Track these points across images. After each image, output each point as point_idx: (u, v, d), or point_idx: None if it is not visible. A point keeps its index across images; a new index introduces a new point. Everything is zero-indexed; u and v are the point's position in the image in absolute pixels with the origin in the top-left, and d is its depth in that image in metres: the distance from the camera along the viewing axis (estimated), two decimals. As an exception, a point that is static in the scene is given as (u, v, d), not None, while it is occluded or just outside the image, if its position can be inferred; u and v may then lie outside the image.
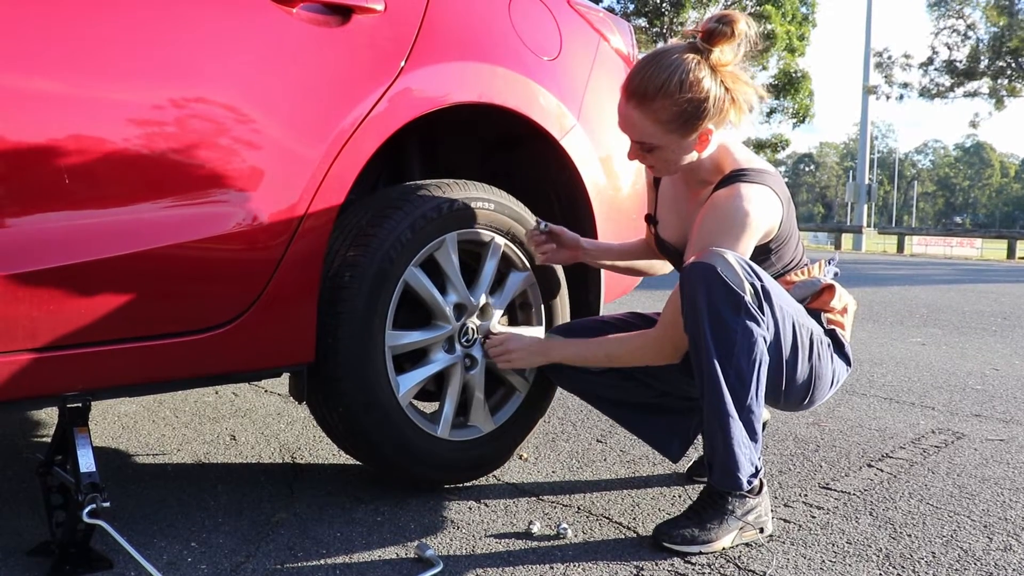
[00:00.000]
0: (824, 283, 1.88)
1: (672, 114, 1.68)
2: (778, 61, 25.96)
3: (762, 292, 1.65)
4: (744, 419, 1.67)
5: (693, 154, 1.76)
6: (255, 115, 1.60)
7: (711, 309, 1.62)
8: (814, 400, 1.85)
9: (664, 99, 1.67)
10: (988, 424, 2.81)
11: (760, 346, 1.65)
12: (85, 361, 1.45)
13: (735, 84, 1.71)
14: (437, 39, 1.89)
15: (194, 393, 2.95)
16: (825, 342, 1.83)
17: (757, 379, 1.66)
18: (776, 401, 1.83)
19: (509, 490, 2.04)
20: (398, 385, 1.87)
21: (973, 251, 25.84)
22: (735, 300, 1.62)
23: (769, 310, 1.66)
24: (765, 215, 1.72)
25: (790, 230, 1.84)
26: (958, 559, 1.69)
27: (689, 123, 1.69)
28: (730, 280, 1.61)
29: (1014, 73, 27.64)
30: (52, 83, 1.39)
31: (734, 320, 1.62)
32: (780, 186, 1.78)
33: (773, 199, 1.75)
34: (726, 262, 1.63)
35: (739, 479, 1.70)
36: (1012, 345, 4.69)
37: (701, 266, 1.63)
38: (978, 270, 13.76)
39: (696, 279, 1.63)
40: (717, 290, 1.62)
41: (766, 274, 1.70)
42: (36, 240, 1.38)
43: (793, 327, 1.73)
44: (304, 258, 1.68)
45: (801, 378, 1.78)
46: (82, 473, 1.48)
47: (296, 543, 1.70)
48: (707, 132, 1.72)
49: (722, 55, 1.68)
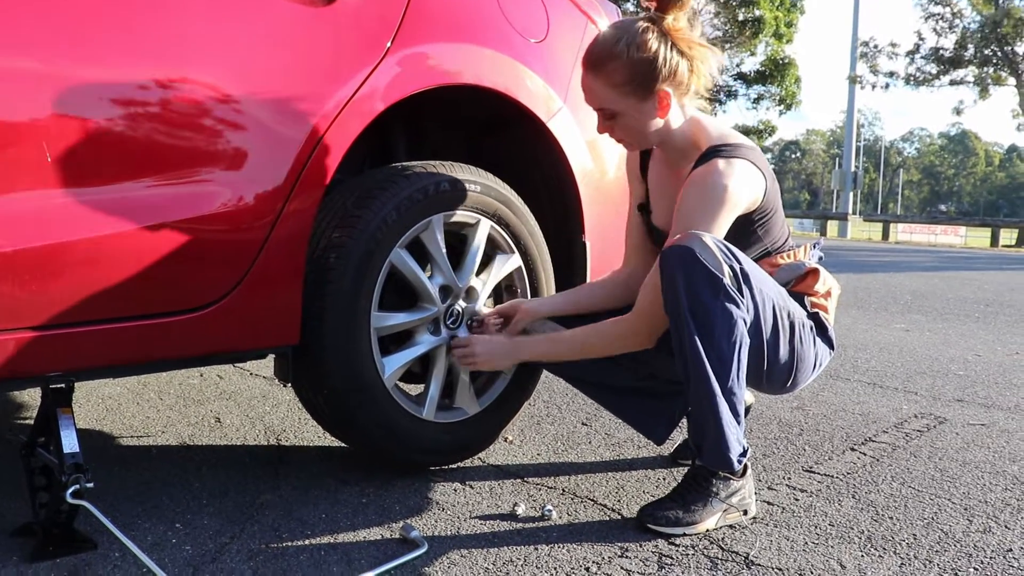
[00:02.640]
0: (808, 267, 1.88)
1: (625, 76, 1.71)
2: (766, 47, 25.95)
3: (741, 275, 1.65)
4: (727, 401, 1.67)
5: (657, 121, 1.77)
6: (239, 95, 1.59)
7: (690, 292, 1.62)
8: (797, 383, 1.86)
9: (615, 61, 1.71)
10: (970, 409, 2.83)
11: (740, 328, 1.65)
12: (68, 342, 1.44)
13: (691, 48, 1.74)
14: (424, 20, 1.88)
15: (179, 375, 2.94)
16: (808, 325, 1.83)
17: (738, 361, 1.66)
18: (759, 383, 1.83)
19: (494, 472, 2.05)
20: (383, 367, 1.86)
21: (957, 239, 26.01)
22: (714, 282, 1.62)
23: (748, 292, 1.67)
24: (745, 188, 1.72)
25: (774, 204, 1.84)
26: (939, 541, 1.71)
27: (643, 85, 1.72)
28: (708, 263, 1.62)
29: (999, 62, 27.74)
30: (32, 62, 1.37)
31: (713, 302, 1.63)
32: (760, 158, 1.78)
33: (753, 171, 1.75)
34: (704, 244, 1.63)
35: (730, 459, 1.71)
36: (994, 332, 4.73)
37: (679, 249, 1.63)
38: (962, 258, 13.85)
39: (675, 262, 1.63)
40: (696, 273, 1.62)
41: (746, 257, 1.71)
42: (17, 219, 1.37)
43: (774, 310, 1.73)
44: (289, 239, 1.67)
45: (783, 360, 1.78)
46: (66, 454, 1.48)
47: (281, 524, 1.70)
48: (665, 95, 1.74)
49: (675, 21, 1.73)
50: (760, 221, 1.82)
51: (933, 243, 23.22)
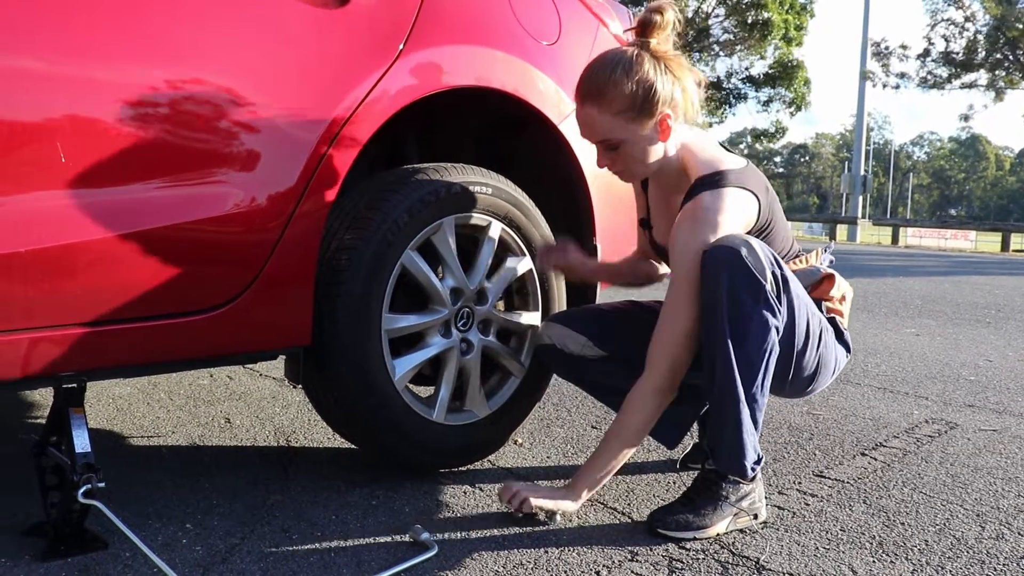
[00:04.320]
0: (824, 272, 1.88)
1: (626, 103, 1.69)
2: (775, 51, 25.91)
3: (781, 281, 1.65)
4: (749, 407, 1.67)
5: (659, 146, 1.75)
6: (253, 96, 1.59)
7: (731, 294, 1.62)
8: (816, 387, 1.86)
9: (614, 89, 1.68)
10: (981, 414, 2.82)
11: (772, 336, 1.65)
12: (81, 342, 1.45)
13: (679, 71, 1.73)
14: (436, 22, 1.88)
15: (189, 376, 2.95)
16: (828, 330, 1.84)
17: (765, 369, 1.66)
18: (780, 390, 1.83)
19: (504, 475, 2.05)
20: (394, 369, 1.86)
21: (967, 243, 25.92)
22: (756, 287, 1.62)
23: (786, 300, 1.67)
24: (733, 217, 1.70)
25: (772, 217, 1.81)
26: (951, 547, 1.70)
27: (645, 108, 1.70)
28: (753, 267, 1.61)
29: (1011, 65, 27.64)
30: (47, 63, 1.38)
31: (752, 308, 1.62)
32: (751, 179, 1.76)
33: (742, 196, 1.72)
34: (751, 248, 1.62)
35: (744, 465, 1.70)
36: (1005, 337, 4.71)
37: (726, 250, 1.62)
38: (972, 262, 13.80)
39: (720, 263, 1.62)
40: (740, 275, 1.61)
41: (784, 264, 1.71)
42: (32, 219, 1.37)
43: (807, 318, 1.74)
44: (301, 240, 1.67)
45: (809, 368, 1.79)
46: (77, 454, 1.48)
47: (291, 526, 1.70)
48: (665, 117, 1.71)
49: (659, 45, 1.72)
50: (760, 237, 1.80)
51: (943, 247, 23.13)
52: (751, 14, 24.89)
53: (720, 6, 25.58)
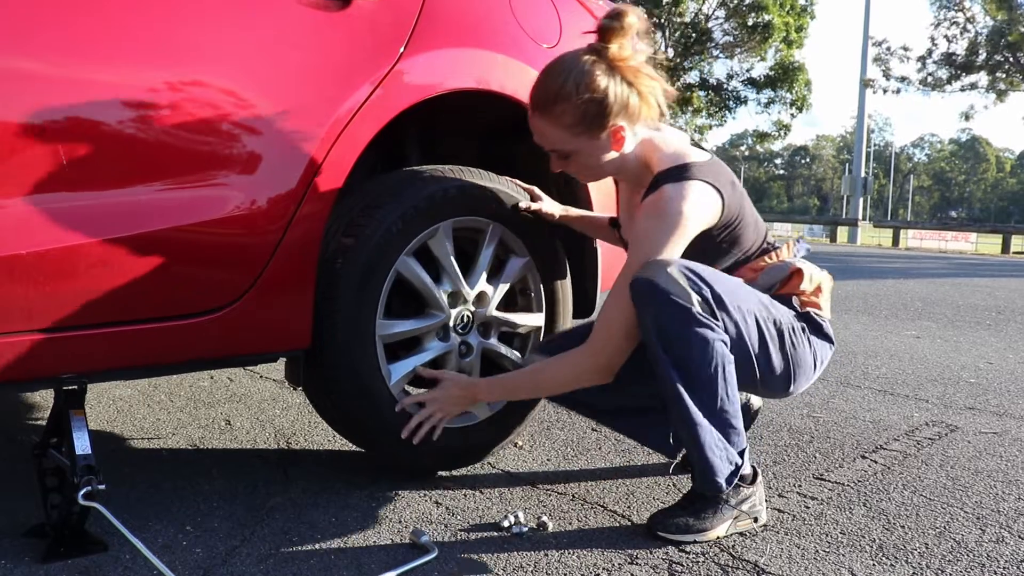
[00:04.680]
0: (792, 267, 1.85)
1: (575, 117, 1.67)
2: (775, 53, 25.92)
3: (713, 298, 1.63)
4: (718, 420, 1.67)
5: (612, 154, 1.74)
6: (254, 99, 1.59)
7: (659, 326, 1.62)
8: (799, 385, 1.84)
9: (563, 103, 1.66)
10: (981, 417, 2.82)
11: (718, 350, 1.64)
12: (82, 344, 1.45)
13: (637, 78, 1.68)
14: (437, 25, 1.88)
15: (189, 378, 2.95)
16: (798, 327, 1.80)
17: (724, 382, 1.65)
18: (755, 391, 1.83)
19: (504, 478, 2.05)
20: (390, 373, 1.86)
21: (968, 245, 25.88)
22: (682, 313, 1.61)
23: (724, 313, 1.65)
24: (696, 210, 1.69)
25: (738, 212, 1.79)
26: (951, 550, 1.70)
27: (594, 123, 1.68)
28: (674, 293, 1.60)
29: (1012, 67, 27.64)
30: (48, 64, 1.38)
31: (686, 332, 1.61)
32: (715, 173, 1.74)
33: (704, 190, 1.70)
34: (668, 276, 1.61)
35: (718, 482, 1.70)
36: (1006, 339, 4.71)
37: (643, 283, 1.62)
38: (973, 264, 13.80)
39: (642, 298, 1.63)
40: (663, 306, 1.61)
41: (718, 274, 1.68)
42: (33, 221, 1.37)
43: (757, 322, 1.71)
44: (301, 243, 1.67)
45: (778, 369, 1.76)
46: (78, 456, 1.48)
47: (291, 528, 1.70)
48: (618, 129, 1.70)
49: (620, 50, 1.67)
50: (724, 235, 1.78)
51: (944, 249, 23.11)
52: (752, 16, 24.90)
53: (720, 8, 25.59)
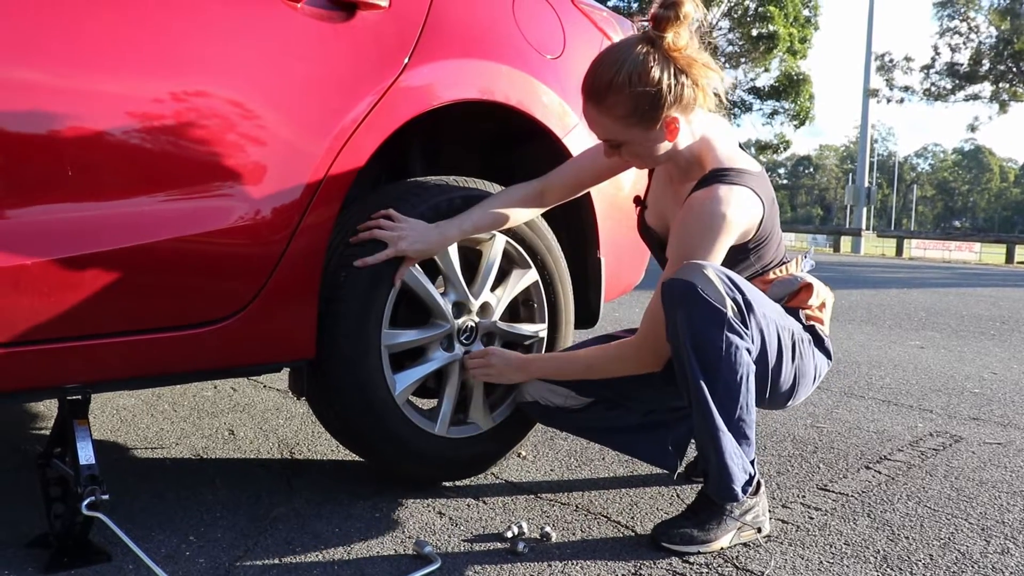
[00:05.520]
0: (802, 282, 1.86)
1: (628, 108, 1.65)
2: (780, 63, 25.98)
3: (744, 305, 1.64)
4: (735, 429, 1.67)
5: (666, 144, 1.72)
6: (259, 109, 1.60)
7: (692, 328, 1.62)
8: (797, 397, 1.86)
9: (616, 95, 1.64)
10: (986, 428, 2.81)
11: (745, 358, 1.64)
12: (86, 354, 1.45)
13: (692, 68, 1.65)
14: (441, 36, 1.89)
15: (193, 387, 2.95)
16: (806, 339, 1.83)
17: (745, 391, 1.66)
18: (760, 403, 1.82)
19: (508, 488, 2.04)
20: (394, 383, 1.86)
21: (971, 255, 25.86)
22: (717, 317, 1.61)
23: (753, 321, 1.66)
24: (742, 217, 1.70)
25: (771, 230, 1.81)
26: (955, 562, 1.69)
27: (648, 115, 1.66)
28: (711, 297, 1.60)
29: (1015, 77, 27.66)
30: (54, 76, 1.38)
31: (717, 337, 1.62)
32: (762, 186, 1.75)
33: (752, 200, 1.72)
34: (706, 278, 1.61)
35: (734, 490, 1.70)
36: (1010, 349, 4.70)
37: (681, 284, 1.62)
38: (976, 274, 13.78)
39: (676, 298, 1.63)
40: (698, 309, 1.61)
41: (747, 284, 1.69)
42: (38, 232, 1.38)
43: (777, 333, 1.72)
44: (306, 254, 1.67)
45: (786, 382, 1.78)
46: (81, 465, 1.49)
47: (294, 538, 1.70)
48: (673, 121, 1.67)
49: (676, 39, 1.63)
50: (755, 248, 1.80)
51: (947, 259, 23.10)
52: (756, 27, 24.96)
53: (725, 19, 25.66)
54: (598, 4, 2.47)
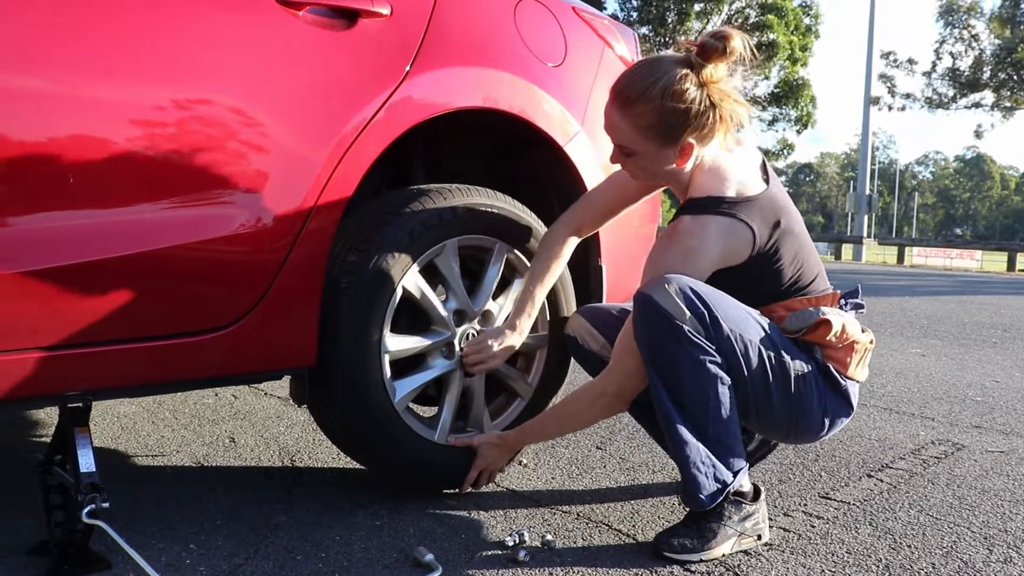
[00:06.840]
0: (820, 317, 1.75)
1: (652, 121, 1.65)
2: (780, 71, 26.02)
3: (709, 319, 1.63)
4: (711, 439, 1.67)
5: (673, 167, 1.73)
6: (260, 118, 1.60)
7: (650, 340, 1.64)
8: (801, 435, 1.81)
9: (645, 104, 1.64)
10: (988, 436, 2.80)
11: (710, 369, 1.63)
12: (87, 361, 1.45)
13: (723, 100, 1.66)
14: (443, 44, 1.89)
15: (193, 395, 2.95)
16: (811, 376, 1.75)
17: (716, 400, 1.65)
18: (752, 425, 1.81)
19: (508, 496, 2.04)
20: (395, 390, 1.86)
21: (973, 263, 25.79)
22: (673, 331, 1.62)
23: (718, 335, 1.64)
24: (711, 244, 1.68)
25: (776, 253, 1.74)
26: (958, 570, 1.69)
27: (669, 133, 1.66)
28: (668, 310, 1.61)
29: (1016, 85, 27.71)
30: (56, 83, 1.39)
31: (674, 349, 1.63)
32: (756, 210, 1.70)
33: (728, 226, 1.68)
34: (664, 292, 1.62)
35: (700, 499, 1.69)
36: (1012, 357, 4.69)
37: (641, 297, 1.64)
38: (978, 282, 13.77)
39: (636, 311, 1.65)
40: (654, 321, 1.62)
41: (725, 300, 1.67)
42: (40, 239, 1.38)
43: (760, 353, 1.69)
44: (307, 261, 1.68)
45: (777, 407, 1.73)
46: (82, 473, 1.48)
47: (295, 546, 1.70)
48: (689, 146, 1.68)
49: (715, 71, 1.64)
50: (754, 271, 1.74)
51: (949, 267, 23.05)
52: (756, 35, 25.01)
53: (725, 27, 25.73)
54: (599, 12, 2.47)
